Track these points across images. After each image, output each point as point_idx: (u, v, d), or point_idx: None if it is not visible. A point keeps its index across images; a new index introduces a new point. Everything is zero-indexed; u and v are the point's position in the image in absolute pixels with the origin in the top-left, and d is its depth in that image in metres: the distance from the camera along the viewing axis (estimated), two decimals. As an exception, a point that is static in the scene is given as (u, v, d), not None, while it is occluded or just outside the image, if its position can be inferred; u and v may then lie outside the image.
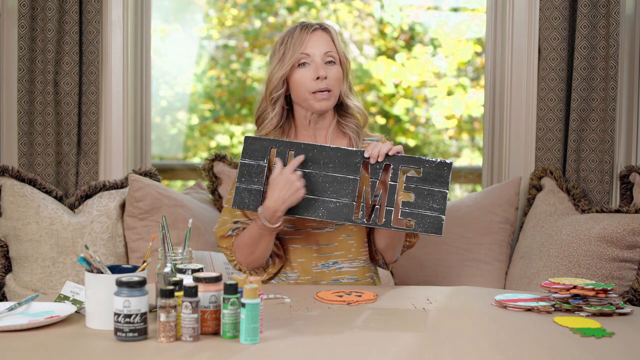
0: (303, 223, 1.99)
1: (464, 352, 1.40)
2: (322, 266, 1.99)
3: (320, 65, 1.97)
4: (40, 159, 2.72)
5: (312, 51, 1.98)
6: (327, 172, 1.87)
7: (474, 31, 4.44)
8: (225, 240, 2.01)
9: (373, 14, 4.63)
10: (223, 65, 4.62)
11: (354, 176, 1.87)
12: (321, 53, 1.98)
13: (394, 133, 4.57)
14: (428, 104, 4.61)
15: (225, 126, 4.61)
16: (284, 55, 2.00)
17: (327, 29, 2.02)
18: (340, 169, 1.87)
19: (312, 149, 1.89)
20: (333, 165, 1.87)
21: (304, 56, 1.98)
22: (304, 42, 1.98)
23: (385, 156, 1.85)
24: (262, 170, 1.89)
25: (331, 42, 2.01)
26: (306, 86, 1.98)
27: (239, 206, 1.89)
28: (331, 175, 1.87)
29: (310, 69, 1.98)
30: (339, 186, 1.86)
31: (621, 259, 2.42)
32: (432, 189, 1.83)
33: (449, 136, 4.67)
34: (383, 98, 4.61)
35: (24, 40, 2.67)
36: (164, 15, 4.30)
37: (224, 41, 4.60)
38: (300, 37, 1.99)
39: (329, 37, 2.01)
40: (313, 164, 1.88)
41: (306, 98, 1.99)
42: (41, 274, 2.47)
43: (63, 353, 1.36)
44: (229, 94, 4.60)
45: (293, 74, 1.99)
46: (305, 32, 2.00)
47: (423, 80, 4.53)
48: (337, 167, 1.87)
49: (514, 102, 2.78)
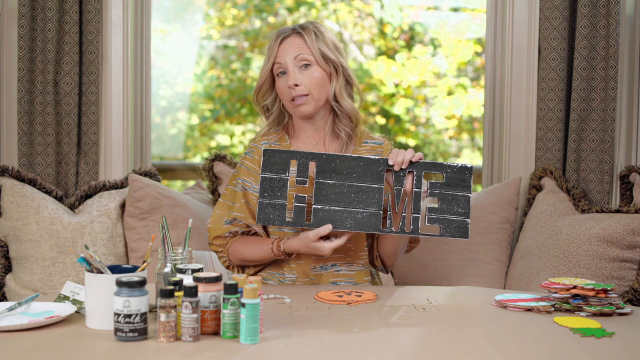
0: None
1: (464, 352, 1.40)
2: (320, 268, 1.99)
3: (292, 72, 1.98)
4: (40, 159, 2.72)
5: (283, 59, 1.99)
6: (351, 182, 1.86)
7: (474, 31, 4.44)
8: (219, 239, 2.04)
9: (373, 14, 4.63)
10: (223, 65, 4.62)
11: (378, 185, 1.85)
12: (291, 59, 1.98)
13: (394, 133, 4.57)
14: (428, 103, 4.61)
15: (225, 126, 4.62)
16: (263, 65, 2.04)
17: (300, 32, 2.01)
18: (365, 179, 1.85)
19: (335, 159, 1.86)
20: (357, 175, 1.86)
21: (277, 65, 2.00)
22: (276, 51, 2.00)
23: (408, 163, 1.86)
24: (284, 183, 1.86)
25: (304, 45, 1.99)
26: (284, 94, 2.01)
27: (264, 222, 1.86)
28: (356, 185, 1.85)
29: (285, 77, 2.00)
30: (365, 196, 1.85)
31: (621, 259, 2.42)
32: (456, 193, 1.84)
33: (449, 136, 4.67)
34: (383, 98, 4.61)
35: (24, 40, 2.67)
36: (164, 15, 4.30)
37: (224, 41, 4.61)
38: (273, 46, 2.01)
39: (302, 40, 2.00)
40: (337, 175, 1.86)
41: (288, 106, 2.03)
42: (41, 274, 2.48)
43: (63, 353, 1.36)
44: (229, 94, 4.60)
45: (277, 83, 2.03)
46: (277, 40, 2.01)
47: (423, 80, 4.54)
48: (361, 177, 1.85)
49: (514, 102, 2.78)
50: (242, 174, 2.05)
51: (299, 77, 1.97)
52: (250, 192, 2.02)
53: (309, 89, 1.98)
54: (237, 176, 2.06)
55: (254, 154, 2.06)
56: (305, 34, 2.00)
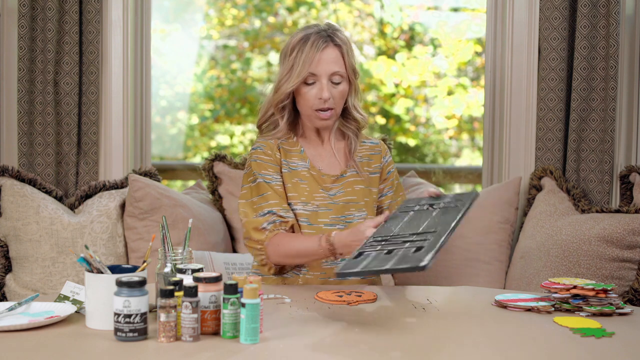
0: (316, 219, 2.01)
1: (464, 352, 1.40)
2: (332, 263, 2.01)
3: (325, 86, 1.98)
4: (40, 159, 2.72)
5: (319, 72, 1.98)
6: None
7: (474, 31, 4.44)
8: (257, 233, 1.98)
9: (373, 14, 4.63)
10: (223, 65, 4.62)
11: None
12: (328, 74, 1.98)
13: (394, 132, 4.57)
14: (428, 103, 4.61)
15: (226, 126, 4.61)
16: (292, 69, 2.00)
17: (340, 45, 2.01)
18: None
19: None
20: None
21: (310, 76, 1.99)
22: (313, 61, 1.98)
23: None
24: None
25: (340, 60, 2.00)
26: (309, 103, 2.01)
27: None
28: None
29: (315, 87, 1.99)
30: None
31: (621, 259, 2.42)
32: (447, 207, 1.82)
33: (449, 136, 4.67)
34: (383, 98, 4.61)
35: (24, 40, 2.67)
36: (164, 15, 4.30)
37: (224, 41, 4.60)
38: (310, 54, 1.98)
39: (339, 54, 2.00)
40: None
41: (309, 114, 2.03)
42: (41, 274, 2.47)
43: (63, 353, 1.36)
44: (229, 94, 4.60)
45: (299, 87, 2.01)
46: (315, 49, 1.98)
47: (423, 80, 4.53)
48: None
49: (514, 102, 2.77)
50: (259, 169, 2.03)
51: (331, 91, 1.99)
52: (273, 183, 2.02)
53: (336, 103, 2.02)
54: (252, 172, 2.04)
55: (266, 148, 2.06)
56: (343, 47, 2.01)
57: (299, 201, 2.02)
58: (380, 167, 2.15)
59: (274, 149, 2.07)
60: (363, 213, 2.06)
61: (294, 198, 2.03)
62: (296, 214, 2.02)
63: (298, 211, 2.02)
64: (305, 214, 2.02)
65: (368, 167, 2.13)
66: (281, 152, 2.07)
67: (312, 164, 2.08)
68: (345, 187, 2.07)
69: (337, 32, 2.03)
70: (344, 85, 2.02)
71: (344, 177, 2.08)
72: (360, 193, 2.08)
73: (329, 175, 2.07)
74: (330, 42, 2.00)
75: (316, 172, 2.07)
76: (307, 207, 2.02)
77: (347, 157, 2.12)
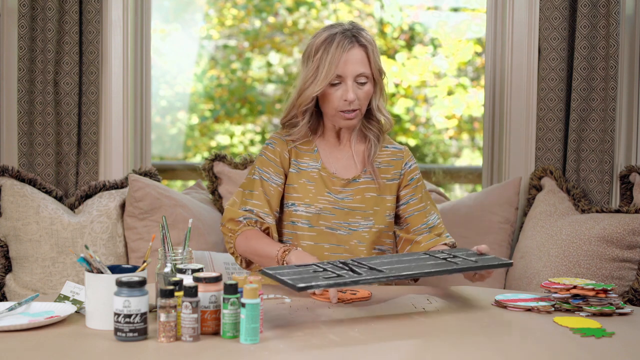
0: (317, 221, 2.00)
1: (464, 352, 1.40)
2: None
3: (351, 87, 1.96)
4: (40, 159, 2.72)
5: (346, 73, 1.96)
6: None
7: (474, 31, 4.44)
8: (232, 223, 2.00)
9: (373, 14, 4.62)
10: (223, 65, 4.62)
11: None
12: (354, 75, 1.96)
13: (394, 132, 4.58)
14: (428, 103, 4.61)
15: (226, 126, 4.61)
16: (318, 71, 1.96)
17: (366, 46, 1.98)
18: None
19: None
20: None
21: (336, 77, 1.96)
22: (339, 63, 1.95)
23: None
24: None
25: (366, 61, 1.98)
26: (334, 104, 1.98)
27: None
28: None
29: (340, 88, 1.97)
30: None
31: (621, 259, 2.42)
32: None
33: (449, 136, 4.67)
34: (383, 98, 4.61)
35: (24, 40, 2.67)
36: (164, 15, 4.30)
37: (224, 41, 4.60)
38: (335, 56, 1.94)
39: (365, 55, 1.98)
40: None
41: (333, 115, 2.01)
42: (41, 274, 2.47)
43: (63, 353, 1.36)
44: (229, 94, 4.60)
45: (327, 89, 1.98)
46: (341, 49, 1.95)
47: (423, 80, 4.53)
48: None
49: (514, 102, 2.77)
50: (261, 164, 2.05)
51: (356, 92, 1.97)
52: (269, 182, 2.02)
53: (361, 104, 2.00)
54: (255, 166, 2.06)
55: (276, 146, 2.06)
56: (369, 48, 1.98)
57: (302, 202, 2.02)
58: (400, 173, 2.09)
59: (284, 148, 2.06)
60: (370, 222, 2.03)
61: (298, 199, 2.03)
62: (297, 215, 2.02)
63: (300, 212, 2.02)
64: (307, 215, 2.01)
65: (386, 173, 2.08)
66: (292, 152, 2.06)
67: (324, 165, 2.05)
68: (356, 193, 2.04)
69: (362, 31, 2.00)
70: (369, 86, 1.99)
71: (357, 182, 2.05)
72: (371, 201, 2.04)
73: (340, 179, 2.04)
74: (355, 42, 1.97)
75: (327, 173, 2.04)
76: (309, 209, 2.01)
77: (366, 161, 2.07)
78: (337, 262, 1.71)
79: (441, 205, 2.72)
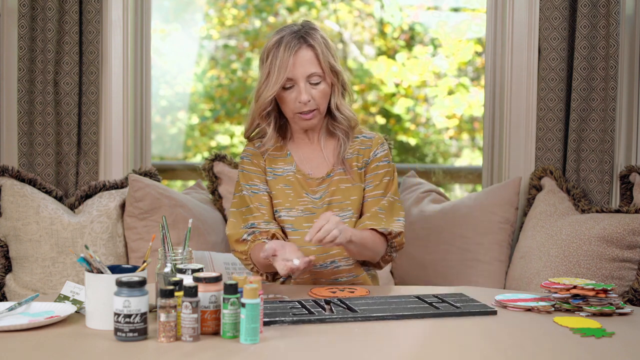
0: (301, 224, 2.00)
1: (464, 352, 1.40)
2: (321, 266, 2.00)
3: (303, 88, 1.95)
4: (40, 159, 2.72)
5: (296, 75, 1.95)
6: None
7: (474, 31, 4.44)
8: (240, 245, 2.00)
9: (373, 14, 4.63)
10: (223, 65, 4.62)
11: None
12: (304, 76, 1.95)
13: (394, 132, 4.58)
14: (428, 103, 4.61)
15: (226, 126, 4.61)
16: (269, 76, 1.96)
17: (313, 45, 1.96)
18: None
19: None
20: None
21: (288, 80, 1.95)
22: (287, 66, 1.93)
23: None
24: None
25: (315, 61, 1.96)
26: (290, 107, 1.98)
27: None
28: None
29: (295, 91, 1.96)
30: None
31: (621, 259, 2.42)
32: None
33: (449, 136, 4.67)
34: (383, 97, 4.61)
35: (24, 40, 2.67)
36: (164, 15, 4.30)
37: (224, 41, 4.60)
38: (284, 59, 1.93)
39: (314, 55, 1.96)
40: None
41: (292, 117, 2.01)
42: (41, 274, 2.47)
43: (63, 353, 1.36)
44: (229, 94, 4.60)
45: (278, 92, 1.97)
46: (289, 52, 1.94)
47: (423, 80, 4.53)
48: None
49: (514, 102, 2.77)
50: (246, 179, 2.05)
51: (310, 92, 1.96)
52: (259, 193, 2.02)
53: (318, 103, 1.98)
54: (239, 183, 2.06)
55: (252, 158, 2.06)
56: (317, 47, 1.96)
57: (283, 207, 2.02)
58: (367, 161, 2.06)
59: (260, 159, 2.06)
60: (348, 212, 2.01)
61: (279, 205, 2.02)
62: (281, 220, 2.02)
63: (283, 218, 2.02)
64: (290, 220, 2.01)
65: (357, 162, 2.06)
66: (266, 160, 2.06)
67: (298, 167, 2.05)
68: (330, 187, 2.03)
69: (312, 31, 1.98)
70: (323, 85, 1.98)
71: (330, 177, 2.04)
72: (347, 192, 2.03)
73: (315, 179, 2.04)
74: (303, 42, 1.95)
75: (302, 175, 2.04)
76: (291, 213, 2.01)
77: (336, 158, 2.06)
78: (322, 300, 1.71)
79: (441, 205, 2.72)
